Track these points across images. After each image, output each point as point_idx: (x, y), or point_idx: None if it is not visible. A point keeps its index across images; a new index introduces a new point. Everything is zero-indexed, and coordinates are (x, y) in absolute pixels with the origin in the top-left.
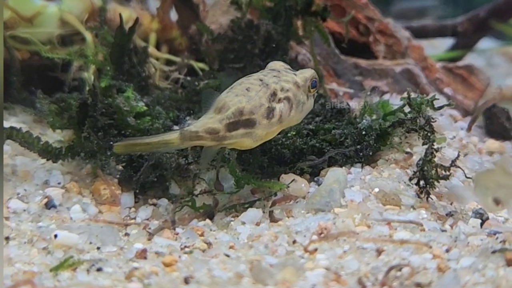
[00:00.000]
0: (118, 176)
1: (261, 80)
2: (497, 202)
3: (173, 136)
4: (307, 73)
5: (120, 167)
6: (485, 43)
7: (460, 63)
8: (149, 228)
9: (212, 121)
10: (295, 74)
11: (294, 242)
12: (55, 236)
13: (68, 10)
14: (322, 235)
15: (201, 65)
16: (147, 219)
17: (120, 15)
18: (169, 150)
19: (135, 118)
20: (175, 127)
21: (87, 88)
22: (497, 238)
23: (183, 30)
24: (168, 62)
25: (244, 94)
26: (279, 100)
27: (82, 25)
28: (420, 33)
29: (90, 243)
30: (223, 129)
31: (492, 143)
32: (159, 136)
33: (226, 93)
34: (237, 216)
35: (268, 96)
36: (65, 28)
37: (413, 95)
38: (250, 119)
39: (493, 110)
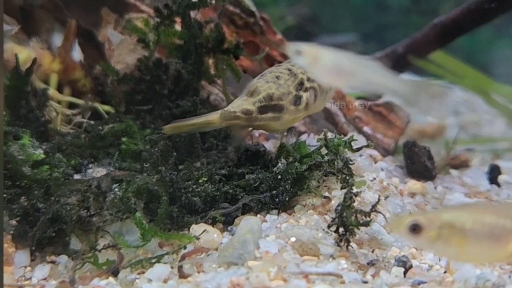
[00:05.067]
0: (12, 232)
1: (289, 70)
2: None
3: (214, 116)
4: None
5: (14, 222)
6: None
7: (379, 101)
8: None
9: (246, 103)
10: None
11: None
12: None
13: None
14: None
15: (107, 107)
16: (44, 279)
17: (16, 56)
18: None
19: (32, 167)
20: (76, 176)
21: None
22: None
23: (87, 70)
24: (71, 105)
25: (274, 81)
26: (306, 89)
27: None
28: None
29: None
30: (255, 111)
31: (414, 184)
32: (203, 117)
33: (258, 79)
34: (144, 273)
35: (296, 85)
36: None
37: (330, 135)
38: (279, 105)
39: (414, 149)
